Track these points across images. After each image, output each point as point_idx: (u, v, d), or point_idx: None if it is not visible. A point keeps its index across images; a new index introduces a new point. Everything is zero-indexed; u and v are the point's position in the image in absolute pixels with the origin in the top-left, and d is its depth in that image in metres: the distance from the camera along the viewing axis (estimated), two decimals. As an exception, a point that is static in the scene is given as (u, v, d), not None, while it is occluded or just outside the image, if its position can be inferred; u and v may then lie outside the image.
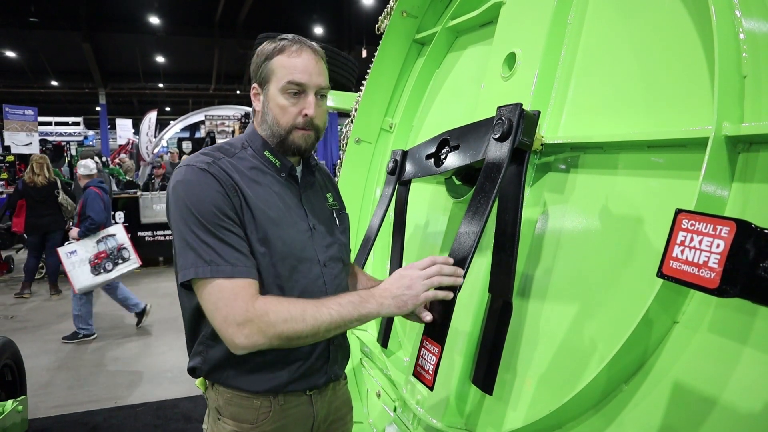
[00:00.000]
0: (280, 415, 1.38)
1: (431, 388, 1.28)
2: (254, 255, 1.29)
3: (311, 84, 1.35)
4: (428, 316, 1.29)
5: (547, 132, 1.47)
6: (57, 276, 7.26)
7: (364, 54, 18.46)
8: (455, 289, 1.24)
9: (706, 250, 0.82)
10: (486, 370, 1.37)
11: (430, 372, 1.27)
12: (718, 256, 0.80)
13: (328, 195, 1.59)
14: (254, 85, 1.41)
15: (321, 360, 1.42)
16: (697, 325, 0.99)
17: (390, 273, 1.94)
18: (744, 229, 0.77)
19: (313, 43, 1.40)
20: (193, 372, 1.41)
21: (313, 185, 1.52)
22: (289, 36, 1.39)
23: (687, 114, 1.13)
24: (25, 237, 7.24)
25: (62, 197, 6.94)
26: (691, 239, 0.84)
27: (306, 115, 1.35)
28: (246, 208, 1.29)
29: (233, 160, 1.36)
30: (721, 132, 0.96)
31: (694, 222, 0.85)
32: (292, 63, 1.33)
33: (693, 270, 0.83)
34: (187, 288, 1.28)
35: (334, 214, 1.55)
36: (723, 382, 0.94)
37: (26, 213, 6.75)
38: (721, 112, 0.97)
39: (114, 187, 9.18)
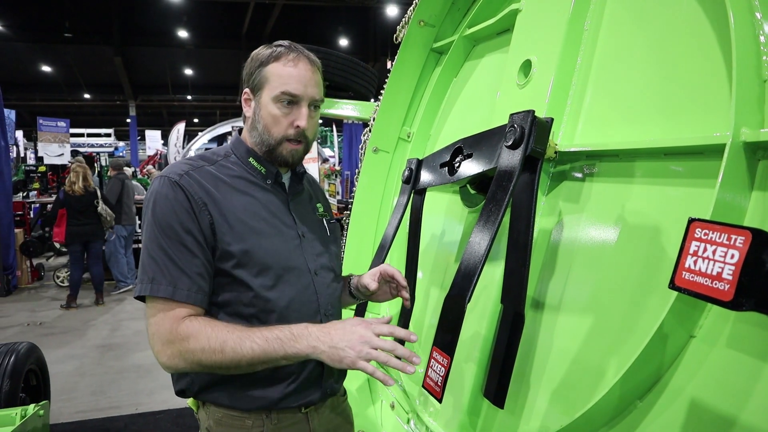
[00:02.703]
0: None
1: (440, 400, 1.25)
2: (234, 267, 1.27)
3: (305, 95, 1.32)
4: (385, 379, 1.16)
5: (564, 140, 1.44)
6: (102, 285, 7.36)
7: (389, 65, 18.53)
8: (465, 297, 1.21)
9: (720, 261, 0.78)
10: (497, 383, 1.34)
11: (439, 384, 1.24)
12: (733, 267, 0.76)
13: (318, 205, 1.56)
14: (246, 90, 1.37)
15: (314, 374, 1.37)
16: (715, 340, 0.94)
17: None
18: (760, 239, 0.73)
19: (310, 53, 1.37)
20: (182, 393, 1.37)
21: (302, 193, 1.50)
22: (285, 43, 1.36)
23: (706, 120, 1.09)
24: (63, 247, 7.21)
25: (101, 207, 7.04)
26: (705, 249, 0.81)
27: (298, 126, 1.33)
28: (221, 221, 1.27)
29: (214, 167, 1.34)
30: (740, 138, 0.92)
31: (707, 231, 0.81)
32: (287, 72, 1.30)
33: (706, 281, 0.79)
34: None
35: (325, 223, 1.53)
36: (742, 400, 0.89)
37: (66, 222, 6.83)
38: (739, 118, 0.93)
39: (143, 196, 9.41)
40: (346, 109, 3.63)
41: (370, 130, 2.63)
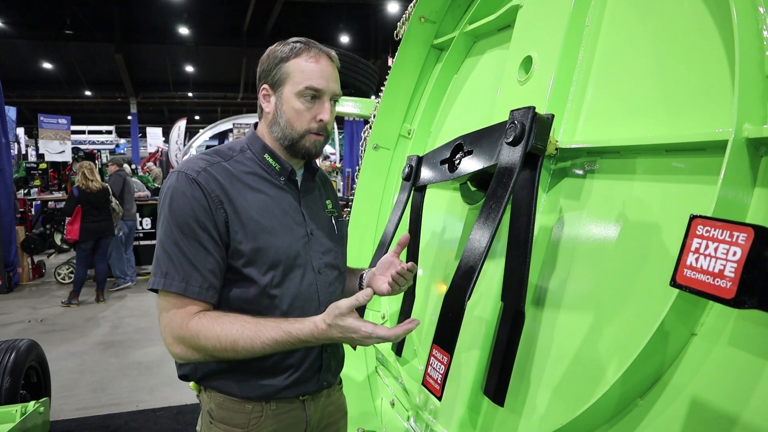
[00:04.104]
0: (272, 420, 1.37)
1: (440, 398, 1.24)
2: (244, 265, 1.29)
3: (328, 90, 1.34)
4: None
5: (564, 136, 1.43)
6: (105, 282, 7.34)
7: (390, 62, 18.51)
8: (465, 295, 1.20)
9: (722, 258, 0.77)
10: (497, 381, 1.33)
11: (439, 382, 1.24)
12: (735, 265, 0.75)
13: (328, 201, 1.57)
14: (264, 86, 1.38)
15: (313, 368, 1.41)
16: (717, 338, 0.94)
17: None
18: (762, 236, 0.72)
19: (328, 49, 1.38)
20: (185, 378, 1.42)
21: (313, 190, 1.51)
22: (303, 39, 1.37)
23: (708, 116, 1.08)
24: (64, 244, 7.03)
25: (114, 202, 7.05)
26: (707, 246, 0.80)
27: (321, 120, 1.35)
28: (234, 219, 1.28)
29: (229, 163, 1.35)
30: (742, 134, 0.91)
31: (709, 228, 0.80)
32: (310, 68, 1.32)
33: (708, 279, 0.78)
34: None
35: (333, 221, 1.53)
36: (744, 398, 0.88)
37: (81, 219, 6.76)
38: (742, 114, 0.92)
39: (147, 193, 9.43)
40: (347, 106, 3.62)
41: (370, 127, 2.63)
